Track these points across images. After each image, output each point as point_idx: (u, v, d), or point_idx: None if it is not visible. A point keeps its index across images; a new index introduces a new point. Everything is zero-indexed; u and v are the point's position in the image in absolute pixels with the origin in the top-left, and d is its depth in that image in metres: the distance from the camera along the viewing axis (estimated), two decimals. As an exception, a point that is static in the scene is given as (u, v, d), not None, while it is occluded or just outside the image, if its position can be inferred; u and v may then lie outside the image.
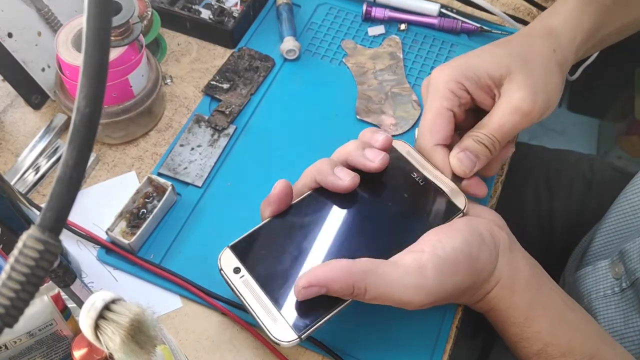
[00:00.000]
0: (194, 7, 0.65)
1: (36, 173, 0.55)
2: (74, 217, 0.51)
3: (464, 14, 0.68)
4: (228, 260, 0.43)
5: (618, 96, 1.50)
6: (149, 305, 0.29)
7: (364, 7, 0.68)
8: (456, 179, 0.47)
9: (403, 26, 0.68)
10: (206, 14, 0.65)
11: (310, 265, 0.42)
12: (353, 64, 0.65)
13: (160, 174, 0.55)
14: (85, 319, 0.27)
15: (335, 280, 0.39)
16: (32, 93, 0.59)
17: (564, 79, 0.49)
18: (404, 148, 0.49)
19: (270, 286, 0.42)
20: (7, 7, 0.52)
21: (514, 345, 0.44)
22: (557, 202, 0.74)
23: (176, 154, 0.56)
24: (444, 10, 0.67)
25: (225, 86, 0.61)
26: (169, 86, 0.62)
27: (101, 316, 0.27)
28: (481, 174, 0.47)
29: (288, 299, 0.41)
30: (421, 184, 0.47)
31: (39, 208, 0.49)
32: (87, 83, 0.21)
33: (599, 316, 0.54)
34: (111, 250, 0.50)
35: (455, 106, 0.47)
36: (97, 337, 0.27)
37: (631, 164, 1.39)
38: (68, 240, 0.51)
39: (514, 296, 0.43)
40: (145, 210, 0.51)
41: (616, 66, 1.17)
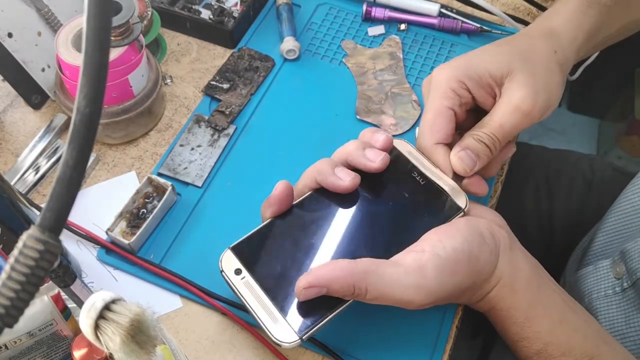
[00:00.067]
0: (194, 7, 0.65)
1: (36, 173, 0.55)
2: (74, 217, 0.51)
3: (464, 14, 0.68)
4: (229, 262, 0.43)
5: (618, 96, 1.50)
6: (149, 305, 0.29)
7: (364, 7, 0.68)
8: (457, 178, 0.46)
9: (403, 26, 0.68)
10: (206, 14, 0.65)
11: (311, 265, 0.42)
12: (353, 64, 0.65)
13: (160, 174, 0.55)
14: (85, 319, 0.27)
15: (336, 280, 0.39)
16: (32, 93, 0.59)
17: (564, 79, 0.49)
18: (404, 147, 0.49)
19: (272, 287, 0.42)
20: (7, 7, 0.52)
21: (514, 344, 0.44)
22: (557, 202, 0.74)
23: (176, 154, 0.56)
24: (444, 10, 0.67)
25: (225, 86, 0.61)
26: (169, 86, 0.62)
27: (101, 316, 0.27)
28: (481, 175, 0.47)
29: (289, 300, 0.41)
30: (422, 183, 0.47)
31: (39, 208, 0.49)
32: (87, 83, 0.21)
33: (600, 316, 0.54)
34: (111, 250, 0.50)
35: (456, 105, 0.47)
36: (97, 337, 0.27)
37: (631, 164, 1.39)
38: (68, 240, 0.51)
39: (515, 295, 0.43)
40: (145, 210, 0.51)
41: (616, 66, 1.17)
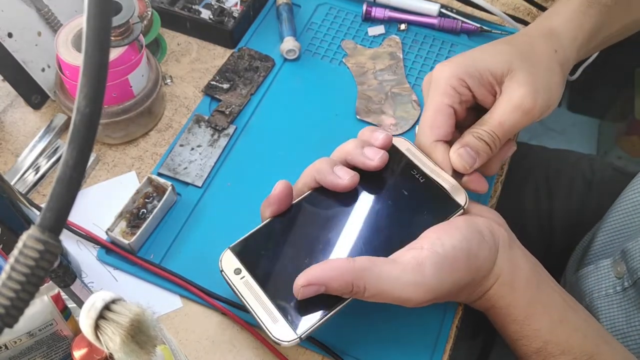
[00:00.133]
0: (194, 7, 0.65)
1: (36, 173, 0.55)
2: (74, 217, 0.51)
3: (463, 14, 0.68)
4: (229, 262, 0.43)
5: (618, 96, 1.50)
6: (149, 305, 0.29)
7: (364, 7, 0.68)
8: (456, 175, 0.46)
9: (403, 26, 0.68)
10: (206, 14, 0.65)
11: (310, 264, 0.42)
12: (353, 64, 0.65)
13: (160, 174, 0.55)
14: (85, 319, 0.27)
15: (334, 278, 0.39)
16: (32, 93, 0.59)
17: (565, 78, 0.49)
18: (404, 145, 0.48)
19: (271, 286, 0.42)
20: (7, 7, 0.52)
21: (513, 343, 0.44)
22: (557, 202, 0.74)
23: (176, 154, 0.56)
24: (444, 10, 0.67)
25: (225, 86, 0.61)
26: (169, 86, 0.62)
27: (101, 316, 0.27)
28: (481, 173, 0.47)
29: (288, 299, 0.41)
30: (421, 180, 0.47)
31: (39, 208, 0.49)
32: (87, 83, 0.21)
33: (600, 315, 0.54)
34: (111, 250, 0.50)
35: (456, 103, 0.47)
36: (97, 337, 0.27)
37: (631, 164, 1.39)
38: (68, 240, 0.51)
39: (514, 294, 0.43)
40: (145, 210, 0.51)
41: (616, 66, 1.17)
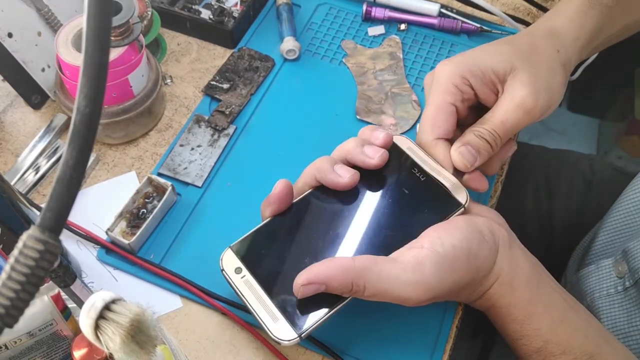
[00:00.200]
0: (194, 7, 0.65)
1: (36, 173, 0.55)
2: (74, 217, 0.51)
3: (464, 14, 0.68)
4: (229, 261, 0.43)
5: (618, 96, 1.50)
6: (149, 305, 0.29)
7: (364, 7, 0.68)
8: (457, 173, 0.46)
9: (403, 26, 0.68)
10: (206, 14, 0.65)
11: (311, 263, 0.42)
12: (353, 64, 0.65)
13: (160, 174, 0.55)
14: (86, 319, 0.27)
15: (334, 277, 0.39)
16: (32, 93, 0.59)
17: (567, 79, 0.49)
18: (404, 143, 0.48)
19: (271, 286, 0.42)
20: (7, 7, 0.52)
21: (513, 342, 0.44)
22: (557, 202, 0.74)
23: (176, 154, 0.56)
24: (444, 10, 0.67)
25: (225, 86, 0.61)
26: (169, 86, 0.62)
27: (101, 316, 0.27)
28: (482, 172, 0.47)
29: (288, 298, 0.41)
30: (422, 179, 0.47)
31: (39, 208, 0.49)
32: (87, 83, 0.21)
33: (602, 315, 0.54)
34: (111, 250, 0.50)
35: (458, 101, 0.47)
36: (97, 337, 0.27)
37: (631, 164, 1.39)
38: (68, 240, 0.51)
39: (514, 293, 0.43)
40: (145, 210, 0.51)
41: (616, 66, 1.17)
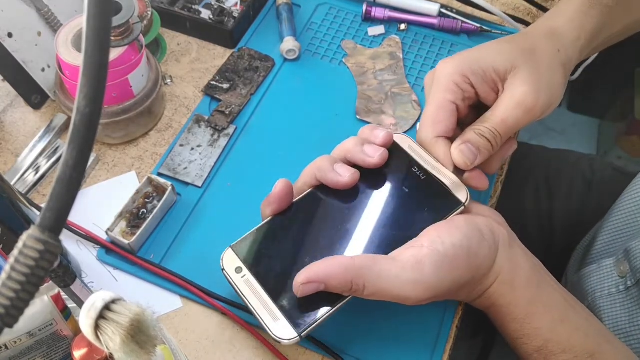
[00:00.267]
0: (194, 7, 0.65)
1: (36, 173, 0.55)
2: (74, 217, 0.51)
3: (463, 14, 0.68)
4: (230, 260, 0.43)
5: (618, 96, 1.50)
6: (149, 305, 0.29)
7: (364, 7, 0.68)
8: (457, 172, 0.46)
9: (403, 26, 0.68)
10: (206, 14, 0.65)
11: (311, 263, 0.42)
12: (353, 64, 0.65)
13: (160, 174, 0.55)
14: (86, 319, 0.27)
15: (334, 276, 0.39)
16: (32, 93, 0.59)
17: (567, 78, 0.49)
18: (405, 142, 0.48)
19: (272, 285, 0.42)
20: (7, 7, 0.52)
21: (514, 341, 0.44)
22: (557, 202, 0.74)
23: (176, 154, 0.56)
24: (444, 10, 0.67)
25: (225, 86, 0.61)
26: (169, 86, 0.62)
27: (101, 316, 0.27)
28: (482, 170, 0.47)
29: (289, 297, 0.41)
30: (422, 177, 0.47)
31: (39, 208, 0.49)
32: (87, 83, 0.21)
33: (603, 314, 0.54)
34: (111, 250, 0.50)
35: (458, 99, 0.47)
36: (97, 337, 0.27)
37: (631, 164, 1.39)
38: (68, 240, 0.51)
39: (514, 292, 0.43)
40: (145, 210, 0.51)
41: (616, 66, 1.17)
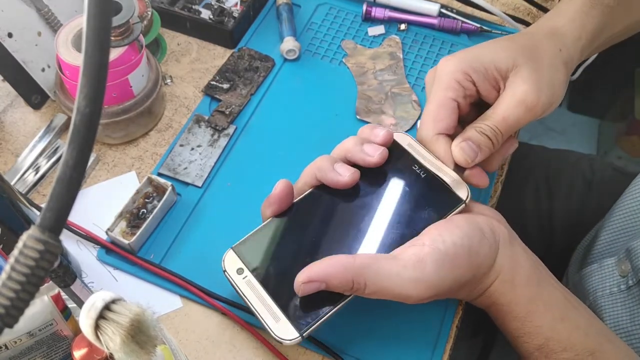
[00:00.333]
0: (194, 7, 0.65)
1: (36, 173, 0.55)
2: (74, 217, 0.51)
3: (463, 14, 0.68)
4: (231, 262, 0.43)
5: (618, 96, 1.50)
6: (149, 305, 0.29)
7: (364, 7, 0.68)
8: (458, 169, 0.46)
9: (403, 26, 0.68)
10: (206, 14, 0.65)
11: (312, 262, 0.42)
12: (353, 64, 0.65)
13: (160, 174, 0.55)
14: (86, 319, 0.27)
15: (335, 275, 0.39)
16: (32, 93, 0.59)
17: (568, 77, 0.49)
18: (404, 140, 0.48)
19: (273, 285, 0.42)
20: (7, 7, 0.52)
21: (515, 340, 0.44)
22: (557, 202, 0.74)
23: (176, 154, 0.56)
24: (444, 11, 0.67)
25: (225, 86, 0.61)
26: (169, 86, 0.62)
27: (101, 316, 0.27)
28: (482, 169, 0.47)
29: (290, 297, 0.41)
30: (423, 175, 0.46)
31: (39, 208, 0.49)
32: (87, 83, 0.21)
33: (604, 314, 0.54)
34: (111, 250, 0.50)
35: (460, 97, 0.47)
36: (98, 337, 0.27)
37: (631, 164, 1.39)
38: (68, 240, 0.51)
39: (515, 290, 0.43)
40: (145, 210, 0.51)
41: (616, 66, 1.17)
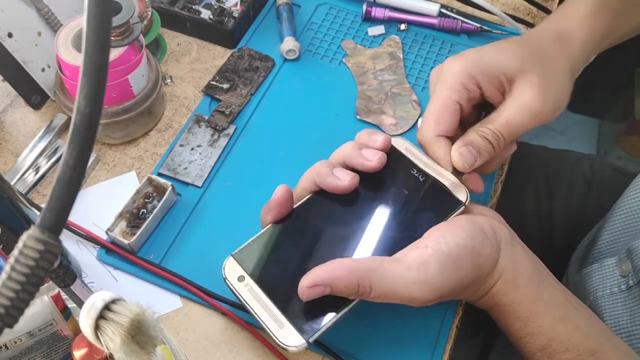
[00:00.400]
0: (194, 7, 0.65)
1: (36, 173, 0.55)
2: (74, 217, 0.51)
3: (464, 14, 0.68)
4: (232, 269, 0.43)
5: (618, 96, 1.50)
6: (149, 305, 0.29)
7: (364, 7, 0.68)
8: (456, 172, 0.46)
9: (403, 26, 0.68)
10: (206, 14, 0.65)
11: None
12: (353, 64, 0.65)
13: (160, 174, 0.55)
14: (86, 319, 0.27)
15: (340, 278, 0.39)
16: (32, 93, 0.59)
17: (573, 83, 0.48)
18: (402, 145, 0.48)
19: (276, 292, 0.41)
20: (7, 7, 0.52)
21: (517, 341, 0.44)
22: (557, 202, 0.74)
23: (176, 154, 0.56)
24: (444, 10, 0.67)
25: (225, 86, 0.61)
26: (169, 86, 0.62)
27: (101, 316, 0.27)
28: (480, 171, 0.47)
29: (294, 304, 0.40)
30: (421, 179, 0.46)
31: (39, 208, 0.49)
32: (87, 83, 0.21)
33: (605, 314, 0.54)
34: (111, 250, 0.50)
35: (463, 99, 0.46)
36: (97, 337, 0.27)
37: (631, 164, 1.39)
38: (68, 240, 0.51)
39: (517, 291, 0.43)
40: (145, 210, 0.51)
41: (616, 66, 1.17)
